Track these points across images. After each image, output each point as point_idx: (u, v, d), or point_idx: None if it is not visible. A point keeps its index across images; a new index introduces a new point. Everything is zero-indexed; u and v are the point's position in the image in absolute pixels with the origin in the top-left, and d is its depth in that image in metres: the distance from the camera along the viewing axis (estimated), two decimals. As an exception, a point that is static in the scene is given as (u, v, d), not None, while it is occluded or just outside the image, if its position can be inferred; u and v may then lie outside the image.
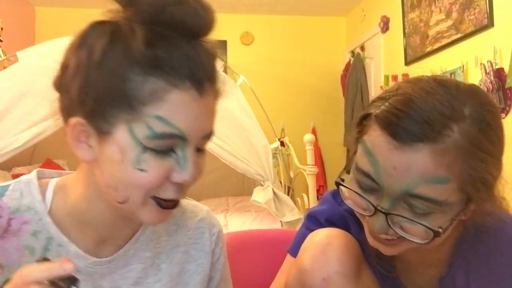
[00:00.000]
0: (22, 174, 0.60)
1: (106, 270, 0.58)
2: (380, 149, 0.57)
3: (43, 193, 0.56)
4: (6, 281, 0.47)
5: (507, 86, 2.02)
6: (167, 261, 0.63)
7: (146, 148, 0.48)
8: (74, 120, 0.50)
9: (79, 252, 0.55)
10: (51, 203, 0.56)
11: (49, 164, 3.11)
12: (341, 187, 0.65)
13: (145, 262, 0.61)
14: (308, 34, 4.35)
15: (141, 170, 0.49)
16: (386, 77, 3.33)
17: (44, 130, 2.32)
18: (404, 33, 3.09)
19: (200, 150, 0.54)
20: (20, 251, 0.53)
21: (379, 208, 0.58)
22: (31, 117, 2.31)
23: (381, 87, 3.37)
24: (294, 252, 0.79)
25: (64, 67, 0.52)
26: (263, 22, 4.30)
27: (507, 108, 2.04)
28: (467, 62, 2.35)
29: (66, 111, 0.52)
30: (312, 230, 0.74)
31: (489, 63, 2.12)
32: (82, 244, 0.56)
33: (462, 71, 2.37)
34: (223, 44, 4.21)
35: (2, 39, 3.15)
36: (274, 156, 2.81)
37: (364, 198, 0.60)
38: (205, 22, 0.50)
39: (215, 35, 0.53)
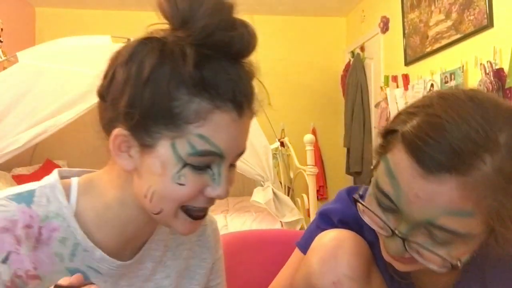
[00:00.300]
0: (22, 175, 0.60)
1: (126, 271, 0.60)
2: (404, 174, 0.53)
3: (67, 195, 0.56)
4: None
5: (507, 86, 2.02)
6: (172, 258, 0.66)
7: (186, 164, 0.51)
8: (117, 131, 0.52)
9: (104, 257, 0.56)
10: (76, 205, 0.56)
11: (49, 164, 3.11)
12: (358, 204, 0.62)
13: (155, 260, 0.64)
14: (308, 34, 4.35)
15: (180, 184, 0.51)
16: (386, 78, 3.33)
17: (44, 131, 2.32)
18: (404, 33, 3.09)
19: (232, 165, 0.56)
20: (51, 259, 0.54)
21: (396, 232, 0.56)
22: (31, 118, 2.31)
23: (381, 87, 3.37)
24: (303, 247, 0.78)
25: (111, 78, 0.53)
26: (263, 23, 4.30)
27: (507, 109, 2.04)
28: (467, 62, 2.35)
29: (109, 121, 0.54)
30: (324, 229, 0.73)
31: (488, 64, 2.12)
32: (106, 247, 0.57)
33: (462, 72, 2.37)
34: (223, 44, 4.21)
35: (2, 40, 3.16)
36: (274, 156, 2.81)
37: (382, 220, 0.58)
38: (250, 46, 0.54)
39: None
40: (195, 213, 0.55)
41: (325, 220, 0.77)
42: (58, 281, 0.47)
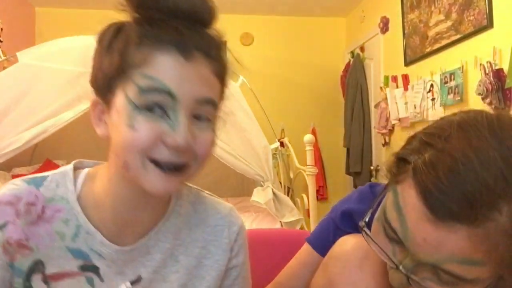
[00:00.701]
0: (22, 175, 0.64)
1: (129, 257, 0.61)
2: (412, 214, 0.50)
3: (75, 183, 0.61)
4: (35, 262, 0.56)
5: (506, 86, 2.03)
6: (185, 253, 0.66)
7: (137, 107, 0.53)
8: (92, 98, 0.58)
9: (104, 241, 0.59)
10: (80, 191, 0.61)
11: (49, 164, 3.11)
12: (364, 232, 0.58)
13: (165, 253, 0.64)
14: (307, 34, 4.35)
15: (132, 128, 0.53)
16: (386, 78, 3.33)
17: (44, 131, 2.32)
18: (404, 33, 3.09)
19: (200, 119, 0.56)
20: (52, 236, 0.59)
21: (401, 267, 0.54)
22: (31, 118, 2.31)
23: (381, 87, 3.37)
24: (314, 244, 0.76)
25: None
26: (262, 23, 4.31)
27: (507, 109, 2.04)
28: (467, 62, 2.35)
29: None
30: (345, 231, 0.70)
31: (488, 64, 2.12)
32: (106, 231, 0.60)
33: (462, 72, 2.37)
34: (223, 44, 4.21)
35: (2, 40, 3.16)
36: (274, 156, 2.81)
37: (387, 254, 0.55)
38: (202, 9, 0.56)
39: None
40: (165, 166, 0.54)
41: (347, 221, 0.73)
42: (55, 256, 0.57)
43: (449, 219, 0.47)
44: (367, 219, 0.59)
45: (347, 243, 0.66)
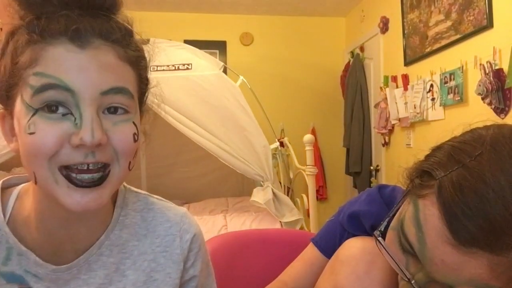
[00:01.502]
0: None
1: (69, 276, 0.57)
2: (433, 233, 0.49)
3: (5, 203, 0.57)
4: None
5: (506, 86, 2.03)
6: (132, 268, 0.61)
7: (34, 110, 0.48)
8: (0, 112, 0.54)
9: (38, 261, 0.55)
10: (11, 211, 0.56)
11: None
12: (378, 242, 0.57)
13: (109, 268, 0.59)
14: (307, 34, 4.35)
15: (30, 133, 0.48)
16: (386, 78, 3.33)
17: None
18: (404, 33, 3.09)
19: (116, 112, 0.51)
20: None
21: (413, 282, 0.52)
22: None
23: (381, 87, 3.37)
24: (320, 246, 0.75)
25: None
26: (262, 23, 4.31)
27: (507, 109, 2.04)
28: (467, 62, 2.35)
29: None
30: (353, 234, 0.69)
31: (488, 64, 2.12)
32: (41, 251, 0.55)
33: (462, 72, 2.37)
34: (222, 44, 4.21)
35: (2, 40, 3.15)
36: (274, 156, 2.81)
37: (400, 267, 0.54)
38: None
39: (214, 36, 0.54)
40: (77, 177, 0.49)
41: (355, 224, 0.72)
42: None
43: (471, 245, 0.46)
44: (382, 228, 0.58)
45: (355, 246, 0.65)
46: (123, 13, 0.57)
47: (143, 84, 0.58)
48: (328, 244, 0.73)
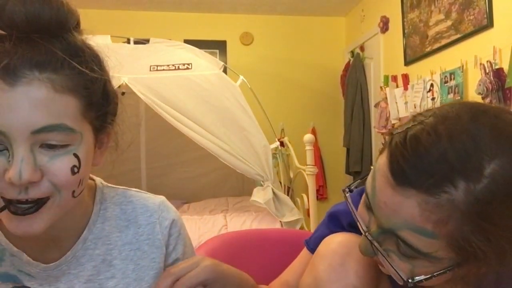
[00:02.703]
0: None
1: (59, 273, 0.60)
2: (380, 179, 0.54)
3: None
4: None
5: (506, 86, 2.02)
6: (119, 257, 0.64)
7: None
8: None
9: (29, 260, 0.58)
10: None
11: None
12: (345, 198, 0.62)
13: (95, 259, 0.62)
14: (307, 34, 4.35)
15: None
16: (386, 77, 3.33)
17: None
18: (404, 33, 3.09)
19: (55, 146, 0.50)
20: None
21: (366, 234, 0.57)
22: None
23: (381, 87, 3.37)
24: (311, 247, 0.78)
25: None
26: (262, 22, 4.31)
27: (507, 108, 2.04)
28: (467, 62, 2.35)
29: None
30: (333, 231, 0.72)
31: (488, 63, 2.12)
32: (30, 252, 0.58)
33: (462, 71, 2.37)
34: (222, 44, 4.21)
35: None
36: (274, 156, 2.81)
37: (357, 217, 0.59)
38: (39, 17, 0.49)
39: (215, 35, 0.54)
40: (13, 207, 0.50)
41: (334, 223, 0.75)
42: None
43: (405, 184, 0.50)
44: (352, 187, 0.63)
45: (332, 242, 0.68)
46: (78, 29, 0.55)
47: (98, 105, 0.55)
48: (316, 243, 0.76)
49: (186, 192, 3.43)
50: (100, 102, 0.55)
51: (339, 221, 0.75)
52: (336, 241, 0.67)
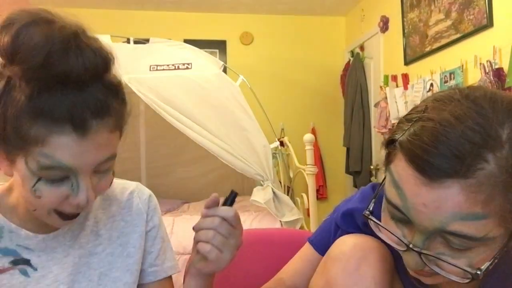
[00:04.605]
0: None
1: (56, 244, 0.69)
2: (407, 184, 0.52)
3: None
4: None
5: (506, 85, 2.02)
6: (104, 229, 0.75)
7: (39, 178, 0.57)
8: None
9: (28, 234, 0.66)
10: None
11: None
12: (370, 221, 0.59)
13: (86, 230, 0.73)
14: (307, 34, 4.35)
15: (37, 197, 0.58)
16: (386, 77, 3.33)
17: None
18: (404, 33, 3.09)
19: (101, 172, 0.62)
20: None
21: (411, 246, 0.54)
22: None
23: (381, 86, 3.37)
24: (315, 244, 0.77)
25: None
26: (262, 22, 4.31)
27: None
28: (467, 62, 2.35)
29: None
30: (346, 232, 0.70)
31: (488, 63, 2.12)
32: (31, 227, 0.67)
33: (462, 71, 2.37)
34: (222, 44, 4.21)
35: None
36: (274, 156, 2.81)
37: (396, 235, 0.56)
38: (95, 65, 0.56)
39: (214, 35, 0.55)
40: (66, 216, 0.62)
41: (348, 222, 0.73)
42: None
43: (440, 177, 0.49)
44: (371, 208, 0.60)
45: (346, 244, 0.66)
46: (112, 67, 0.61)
47: (125, 118, 0.64)
48: (322, 241, 0.74)
49: (186, 192, 3.43)
50: (125, 113, 0.65)
51: (353, 221, 0.72)
52: (350, 243, 0.65)
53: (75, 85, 0.55)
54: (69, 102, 0.55)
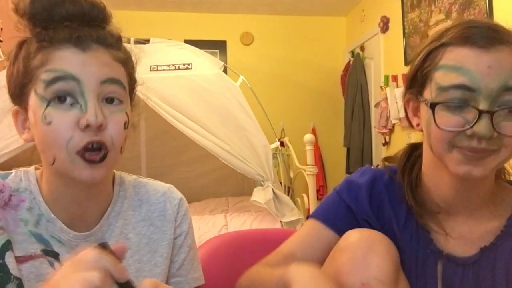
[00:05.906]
0: None
1: (86, 244, 0.67)
2: (468, 59, 0.63)
3: (37, 179, 0.69)
4: (8, 241, 0.62)
5: (507, 86, 2.03)
6: (133, 232, 0.73)
7: (47, 100, 0.59)
8: (12, 109, 0.65)
9: (63, 227, 0.66)
10: (42, 186, 0.68)
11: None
12: (434, 111, 0.66)
13: (115, 232, 0.71)
14: (308, 34, 4.35)
15: (48, 123, 0.59)
16: (386, 77, 3.33)
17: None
18: (404, 33, 3.09)
19: (112, 102, 0.63)
20: (16, 222, 0.65)
21: (481, 109, 0.61)
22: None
23: (381, 87, 3.37)
24: (320, 216, 0.80)
25: None
26: (263, 22, 4.31)
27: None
28: (467, 62, 2.35)
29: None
30: (344, 202, 0.77)
31: (489, 63, 2.12)
32: (64, 220, 0.66)
33: (462, 71, 2.37)
34: (223, 44, 4.21)
35: (2, 40, 3.16)
36: (274, 156, 2.81)
37: (461, 115, 0.63)
38: (91, 11, 0.63)
39: (215, 35, 0.58)
40: (88, 155, 0.60)
41: (348, 191, 0.79)
42: (20, 241, 0.63)
43: (493, 44, 0.62)
44: (434, 101, 0.66)
45: (354, 236, 0.69)
46: (113, 23, 0.67)
47: (132, 81, 0.69)
48: (325, 213, 0.78)
49: (186, 192, 3.37)
50: (133, 80, 0.69)
51: (351, 192, 0.78)
52: (357, 236, 0.69)
53: (77, 22, 0.61)
54: (70, 29, 0.61)
